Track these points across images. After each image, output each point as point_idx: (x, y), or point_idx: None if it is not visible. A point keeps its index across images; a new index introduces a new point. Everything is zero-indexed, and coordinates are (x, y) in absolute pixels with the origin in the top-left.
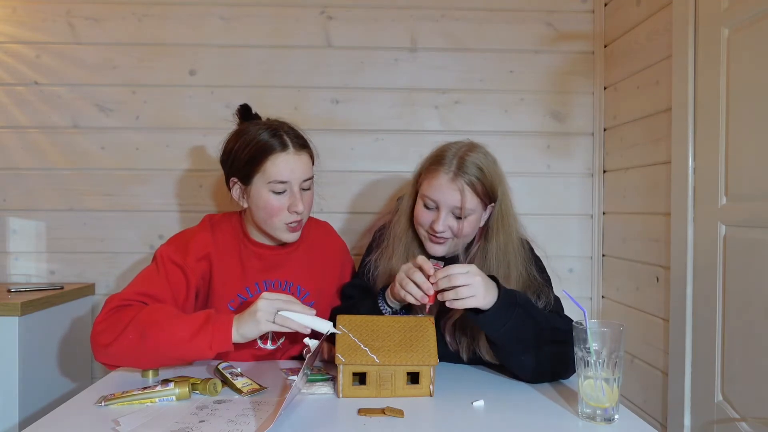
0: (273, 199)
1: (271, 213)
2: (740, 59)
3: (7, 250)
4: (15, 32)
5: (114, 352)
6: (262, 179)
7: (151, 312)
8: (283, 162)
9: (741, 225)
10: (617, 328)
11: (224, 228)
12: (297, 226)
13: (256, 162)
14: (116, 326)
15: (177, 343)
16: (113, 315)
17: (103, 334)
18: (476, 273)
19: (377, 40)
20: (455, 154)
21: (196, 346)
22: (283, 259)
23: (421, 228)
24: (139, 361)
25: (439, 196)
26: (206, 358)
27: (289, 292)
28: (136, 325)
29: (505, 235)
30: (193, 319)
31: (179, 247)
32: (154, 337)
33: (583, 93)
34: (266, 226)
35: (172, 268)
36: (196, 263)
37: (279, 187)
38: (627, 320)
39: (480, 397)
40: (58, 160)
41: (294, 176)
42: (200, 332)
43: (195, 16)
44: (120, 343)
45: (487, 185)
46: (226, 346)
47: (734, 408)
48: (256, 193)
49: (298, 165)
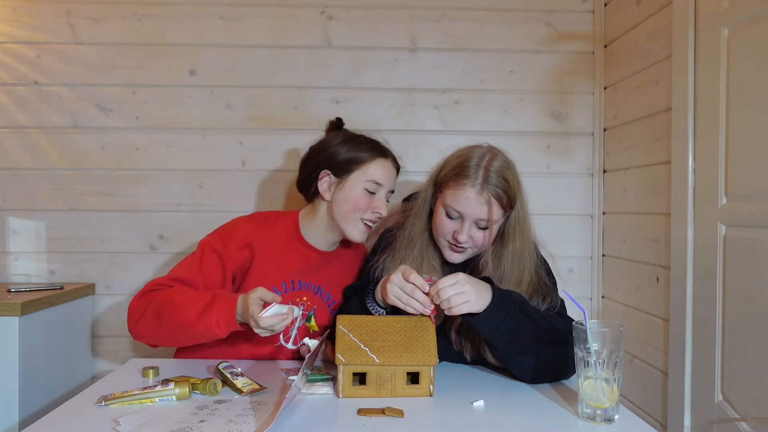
0: (364, 196)
1: (357, 207)
2: (740, 59)
3: (7, 250)
4: (15, 32)
5: (141, 331)
6: (361, 176)
7: (171, 294)
8: (384, 167)
9: (741, 225)
10: (617, 328)
11: (277, 223)
12: (371, 228)
13: (360, 159)
14: (142, 307)
15: (187, 322)
16: (144, 297)
17: (131, 314)
18: (465, 281)
19: (377, 40)
20: (479, 164)
21: (204, 324)
22: (323, 265)
23: (441, 236)
24: (161, 339)
25: (464, 208)
26: (217, 336)
27: (319, 297)
28: (155, 306)
29: (522, 240)
30: (202, 298)
31: (222, 235)
32: (168, 316)
33: (583, 93)
34: (345, 219)
35: (209, 255)
36: (237, 251)
37: (373, 187)
38: (627, 320)
39: (480, 397)
40: (58, 160)
41: (388, 183)
42: (206, 311)
43: (195, 16)
44: (143, 322)
45: (511, 195)
46: (232, 324)
47: (734, 408)
48: (350, 187)
49: (393, 175)
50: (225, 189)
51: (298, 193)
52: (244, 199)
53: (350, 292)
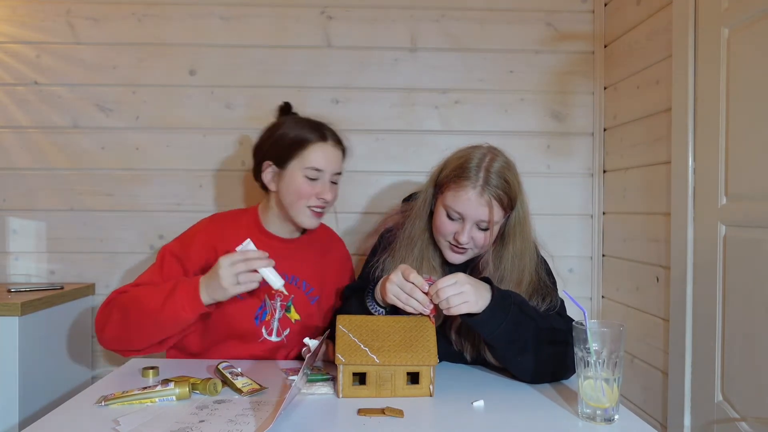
0: (305, 184)
1: (300, 196)
2: (740, 59)
3: (7, 250)
4: (15, 32)
5: (108, 335)
6: (299, 164)
7: (134, 292)
8: (321, 151)
9: (741, 225)
10: (617, 328)
11: (238, 220)
12: (320, 213)
13: (296, 147)
14: (106, 311)
15: (152, 311)
16: (108, 304)
17: (98, 323)
18: (464, 281)
19: (377, 40)
20: (479, 165)
21: (170, 311)
22: (291, 253)
23: (441, 237)
24: (131, 339)
25: (465, 209)
26: (187, 321)
27: (295, 286)
28: (119, 307)
29: (522, 240)
30: (163, 288)
31: (182, 240)
32: (134, 311)
33: (583, 93)
34: (292, 209)
35: (169, 259)
36: (198, 254)
37: (313, 174)
38: (627, 320)
39: (480, 397)
40: (58, 160)
41: (329, 167)
42: (170, 297)
43: (195, 16)
44: (110, 325)
45: (511, 196)
46: (198, 306)
47: (734, 408)
48: (290, 176)
49: (333, 157)
50: (225, 189)
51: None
52: (244, 199)
53: (350, 292)
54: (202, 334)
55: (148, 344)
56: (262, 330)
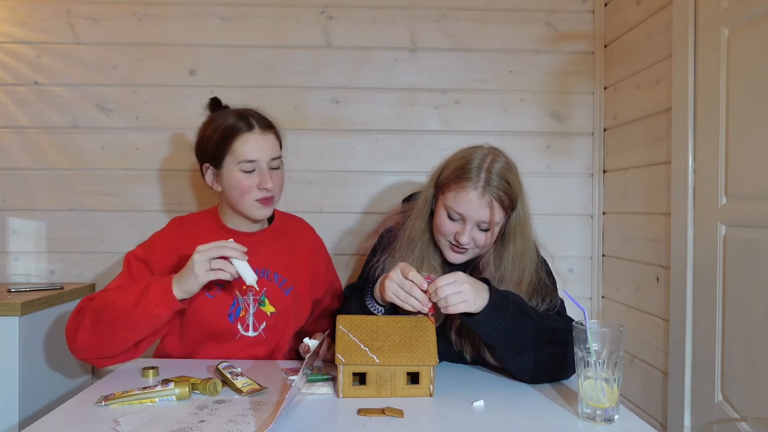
0: (243, 178)
1: (242, 191)
2: (740, 59)
3: (7, 250)
4: (15, 32)
5: (81, 344)
6: (232, 160)
7: (104, 296)
8: (250, 141)
9: (741, 225)
10: (617, 328)
11: (197, 222)
12: (268, 202)
13: (225, 144)
14: (77, 319)
15: (125, 312)
16: (78, 312)
17: (69, 333)
18: (463, 281)
19: (377, 40)
20: (480, 166)
21: (143, 309)
22: (257, 247)
23: (442, 237)
24: (103, 344)
25: (466, 210)
26: (161, 319)
27: (266, 278)
28: (90, 311)
29: (523, 241)
30: (136, 287)
31: (145, 245)
32: (106, 314)
33: (583, 93)
34: (239, 206)
35: (135, 263)
36: (162, 257)
37: (248, 166)
38: (627, 320)
39: (480, 397)
40: (58, 160)
41: (262, 155)
42: (143, 296)
43: (195, 16)
44: (81, 332)
45: (512, 197)
46: (172, 303)
47: (734, 408)
48: (228, 174)
49: (265, 144)
50: None
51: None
52: None
53: (350, 292)
54: (179, 337)
55: (122, 349)
56: (237, 326)
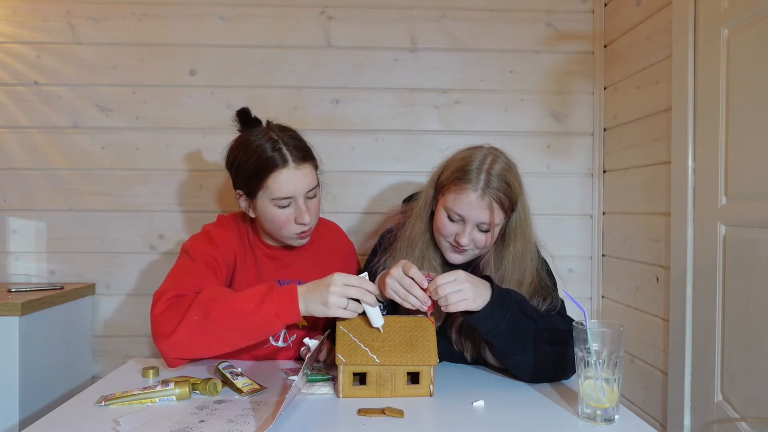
0: (279, 213)
1: (279, 226)
2: (740, 59)
3: (7, 250)
4: (15, 32)
5: (178, 339)
6: (266, 195)
7: (212, 292)
8: (285, 179)
9: (741, 225)
10: (617, 328)
11: (240, 229)
12: (306, 234)
13: (258, 179)
14: (177, 312)
15: (242, 315)
16: (172, 304)
17: (164, 324)
18: (463, 279)
19: (377, 40)
20: (480, 167)
21: (263, 316)
22: (293, 260)
23: (442, 238)
24: (206, 343)
25: (466, 212)
26: (274, 330)
27: None
28: (198, 305)
29: (523, 241)
30: (255, 290)
31: (208, 241)
32: (219, 312)
33: (583, 93)
34: (275, 235)
35: (207, 258)
36: (225, 255)
37: (283, 203)
38: (627, 320)
39: (480, 397)
40: (58, 160)
41: (297, 190)
42: (265, 301)
43: (195, 16)
44: (184, 326)
45: (512, 198)
46: (293, 315)
47: (734, 408)
48: (262, 207)
49: (300, 179)
50: (225, 189)
51: None
52: None
53: None
54: None
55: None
56: (269, 337)
